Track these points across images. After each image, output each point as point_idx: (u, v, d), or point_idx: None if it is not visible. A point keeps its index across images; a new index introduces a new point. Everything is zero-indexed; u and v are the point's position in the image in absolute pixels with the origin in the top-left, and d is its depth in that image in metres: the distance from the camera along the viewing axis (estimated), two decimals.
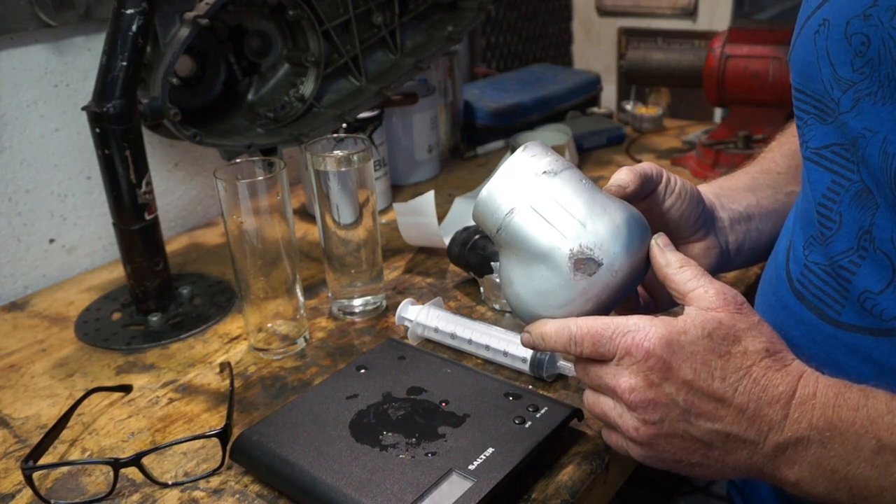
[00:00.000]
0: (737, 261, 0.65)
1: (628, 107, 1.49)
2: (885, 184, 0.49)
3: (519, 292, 0.53)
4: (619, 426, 0.51)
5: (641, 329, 0.49)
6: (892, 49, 0.47)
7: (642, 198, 0.58)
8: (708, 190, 0.65)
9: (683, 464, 0.50)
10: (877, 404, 0.46)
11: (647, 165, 0.58)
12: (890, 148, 0.48)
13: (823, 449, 0.46)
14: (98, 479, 0.64)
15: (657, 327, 0.49)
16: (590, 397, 0.54)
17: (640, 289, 0.62)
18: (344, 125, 1.06)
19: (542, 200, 0.52)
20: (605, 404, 0.52)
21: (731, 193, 0.66)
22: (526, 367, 0.72)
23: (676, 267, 0.52)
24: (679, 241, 0.61)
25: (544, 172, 0.53)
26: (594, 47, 2.12)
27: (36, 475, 0.63)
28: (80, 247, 1.05)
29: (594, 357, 0.51)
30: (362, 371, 0.71)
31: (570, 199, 0.52)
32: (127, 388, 0.76)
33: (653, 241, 0.54)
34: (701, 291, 0.50)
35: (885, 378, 0.50)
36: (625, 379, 0.49)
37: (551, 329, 0.53)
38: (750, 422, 0.47)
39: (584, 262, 0.51)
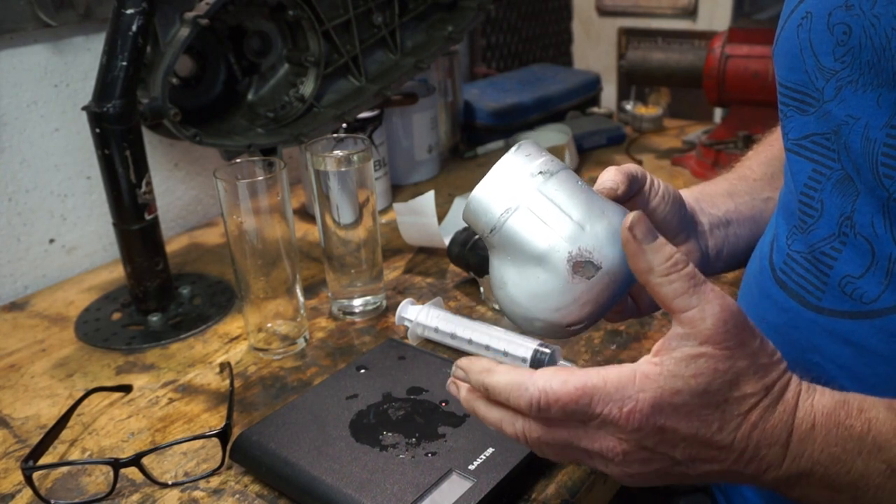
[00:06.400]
0: (716, 265, 0.65)
1: (628, 107, 1.49)
2: (866, 169, 0.49)
3: (513, 294, 0.52)
4: (601, 470, 0.48)
5: (628, 398, 0.43)
6: (872, 37, 0.47)
7: (627, 199, 0.57)
8: (688, 195, 0.64)
9: (674, 480, 0.49)
10: (880, 427, 0.45)
11: (632, 166, 0.57)
12: (871, 133, 0.49)
13: (827, 475, 0.46)
14: (98, 479, 0.64)
15: (645, 392, 0.43)
16: (548, 449, 0.48)
17: None
18: (344, 125, 1.06)
19: (539, 201, 0.51)
20: (579, 455, 0.47)
21: (711, 199, 0.66)
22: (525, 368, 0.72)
23: (661, 276, 0.44)
24: None
25: (540, 173, 0.52)
26: (594, 47, 2.12)
27: (36, 475, 0.63)
28: (80, 247, 1.05)
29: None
30: (362, 371, 0.71)
31: (567, 200, 0.51)
32: (127, 388, 0.76)
33: (626, 232, 0.45)
34: (695, 315, 0.43)
35: (864, 359, 0.51)
36: (611, 443, 0.45)
37: (503, 382, 0.46)
38: (748, 462, 0.46)
39: (582, 266, 0.50)
